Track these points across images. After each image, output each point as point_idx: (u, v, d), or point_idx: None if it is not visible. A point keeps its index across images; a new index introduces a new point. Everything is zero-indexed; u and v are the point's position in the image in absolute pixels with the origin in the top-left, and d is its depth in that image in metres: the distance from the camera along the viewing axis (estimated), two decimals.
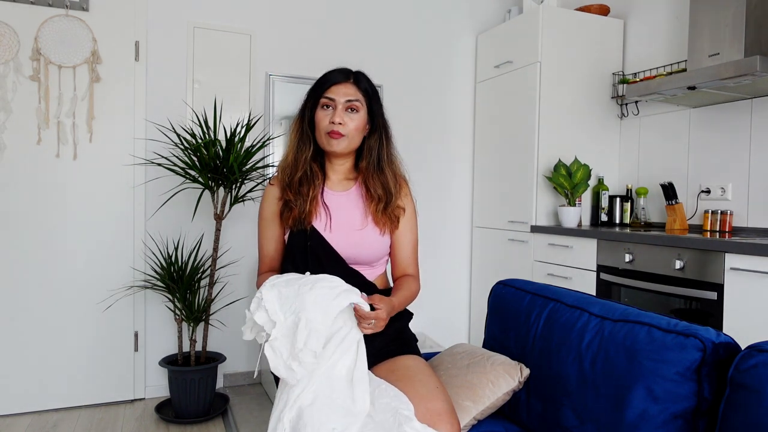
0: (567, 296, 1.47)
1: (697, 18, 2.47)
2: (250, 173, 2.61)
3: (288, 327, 1.18)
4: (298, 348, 1.15)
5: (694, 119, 2.75)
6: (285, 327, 1.18)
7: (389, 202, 1.49)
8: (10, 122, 2.58)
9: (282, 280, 1.27)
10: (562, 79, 3.01)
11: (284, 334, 1.18)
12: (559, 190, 2.89)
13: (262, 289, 1.24)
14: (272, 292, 1.23)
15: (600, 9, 3.12)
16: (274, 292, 1.22)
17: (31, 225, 2.64)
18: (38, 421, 2.57)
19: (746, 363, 0.99)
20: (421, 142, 3.45)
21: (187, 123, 2.85)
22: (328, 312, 1.18)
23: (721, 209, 2.53)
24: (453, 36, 3.52)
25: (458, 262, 3.59)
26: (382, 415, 1.16)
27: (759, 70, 2.07)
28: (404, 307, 1.48)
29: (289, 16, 3.11)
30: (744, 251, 1.91)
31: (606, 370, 1.21)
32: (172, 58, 2.88)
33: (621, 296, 2.47)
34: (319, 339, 1.16)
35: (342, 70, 1.50)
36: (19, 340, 2.63)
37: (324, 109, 1.46)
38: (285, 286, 1.24)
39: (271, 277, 1.28)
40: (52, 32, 2.62)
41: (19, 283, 2.62)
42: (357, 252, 1.47)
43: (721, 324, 1.99)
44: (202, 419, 2.58)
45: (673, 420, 1.08)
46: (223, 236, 2.95)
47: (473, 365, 1.51)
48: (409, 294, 1.49)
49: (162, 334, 2.90)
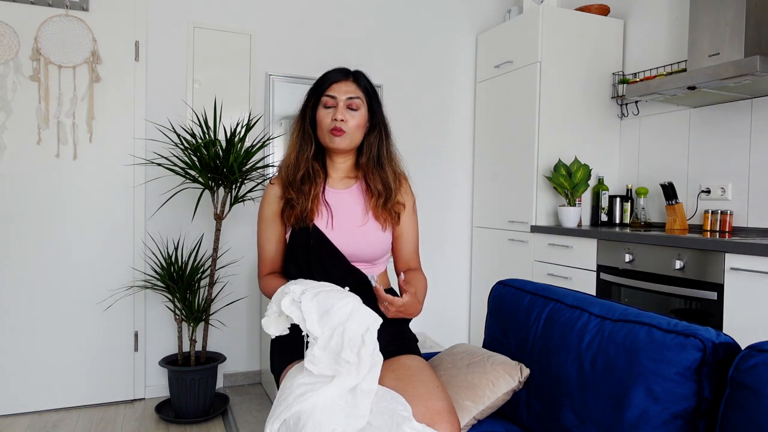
0: (567, 296, 1.47)
1: (697, 18, 2.47)
2: (250, 173, 2.61)
3: (326, 340, 1.20)
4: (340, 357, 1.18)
5: (694, 119, 2.75)
6: (323, 340, 1.20)
7: (389, 198, 1.51)
8: (10, 122, 2.58)
9: (323, 294, 1.27)
10: (562, 79, 3.01)
11: (321, 347, 1.20)
12: (559, 190, 2.89)
13: (302, 297, 1.25)
14: (312, 303, 1.24)
15: (600, 9, 3.12)
16: (314, 304, 1.23)
17: (31, 225, 2.64)
18: (38, 421, 2.57)
19: (746, 363, 0.99)
20: (421, 142, 3.45)
21: (187, 123, 2.85)
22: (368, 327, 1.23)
23: (721, 209, 2.53)
24: (453, 36, 3.52)
25: (458, 262, 3.59)
26: (379, 418, 1.16)
27: (759, 70, 2.07)
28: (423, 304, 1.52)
29: (289, 16, 3.11)
30: (744, 251, 1.91)
31: (606, 370, 1.21)
32: (172, 58, 2.88)
33: (621, 296, 2.47)
34: (353, 349, 1.19)
35: (342, 69, 1.52)
36: (20, 340, 2.63)
37: (326, 107, 1.48)
38: (324, 299, 1.25)
39: (309, 289, 1.28)
40: (52, 32, 2.62)
41: (19, 282, 2.62)
42: (359, 249, 1.47)
43: (721, 324, 1.99)
44: (202, 419, 2.58)
45: (673, 420, 1.08)
46: (223, 236, 2.95)
47: (473, 365, 1.51)
48: (422, 286, 1.55)
49: (162, 334, 2.90)
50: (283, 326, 1.29)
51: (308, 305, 1.22)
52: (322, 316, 1.22)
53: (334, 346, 1.19)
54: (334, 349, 1.19)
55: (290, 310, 1.23)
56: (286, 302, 1.25)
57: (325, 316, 1.22)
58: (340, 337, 1.19)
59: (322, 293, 1.26)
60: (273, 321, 1.30)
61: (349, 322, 1.21)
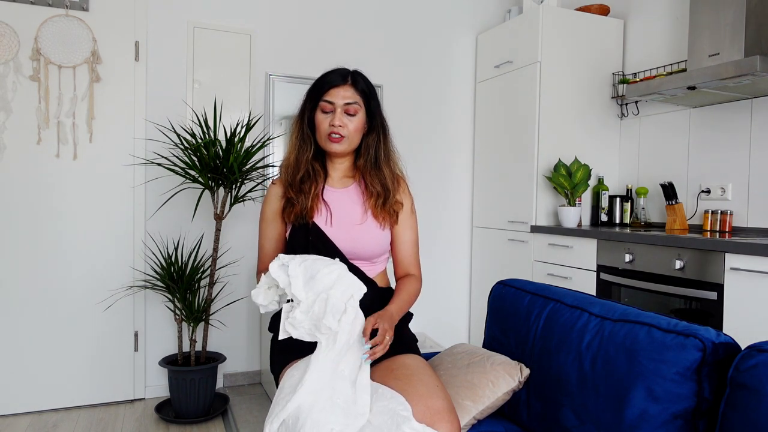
0: (567, 296, 1.47)
1: (697, 18, 2.47)
2: (250, 173, 2.61)
3: (308, 305, 1.21)
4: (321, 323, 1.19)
5: (694, 119, 2.75)
6: (306, 304, 1.21)
7: (387, 198, 1.52)
8: (10, 122, 2.58)
9: (310, 260, 1.29)
10: (562, 79, 3.01)
11: (304, 311, 1.21)
12: (559, 190, 2.89)
13: (290, 262, 1.26)
14: (300, 268, 1.25)
15: (600, 9, 3.12)
16: (301, 269, 1.25)
17: (31, 225, 2.64)
18: (38, 421, 2.57)
19: (746, 363, 0.99)
20: (421, 142, 3.45)
21: (187, 123, 2.85)
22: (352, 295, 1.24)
23: (721, 209, 2.53)
24: (453, 36, 3.52)
25: (458, 262, 3.59)
26: (379, 418, 1.16)
27: (759, 70, 2.07)
28: (405, 311, 1.50)
29: (289, 16, 3.11)
30: (744, 251, 1.91)
31: (606, 370, 1.21)
32: (172, 58, 2.88)
33: (621, 296, 2.47)
34: (336, 315, 1.20)
35: (340, 72, 1.51)
36: (20, 340, 2.63)
37: (324, 112, 1.49)
38: (311, 265, 1.27)
39: (298, 257, 1.31)
40: (52, 32, 2.62)
41: (19, 282, 2.62)
42: (357, 246, 1.48)
43: (721, 324, 1.99)
44: (202, 419, 2.58)
45: (673, 420, 1.08)
46: (223, 236, 2.95)
47: (473, 365, 1.51)
48: (408, 297, 1.51)
49: (162, 334, 2.90)
50: (271, 298, 1.30)
51: (295, 269, 1.24)
52: (307, 281, 1.23)
53: (317, 311, 1.20)
54: (316, 314, 1.20)
55: (277, 273, 1.25)
56: (274, 266, 1.27)
57: (311, 281, 1.23)
58: (324, 303, 1.20)
59: (310, 260, 1.28)
60: (262, 292, 1.31)
61: (334, 289, 1.22)
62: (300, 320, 1.21)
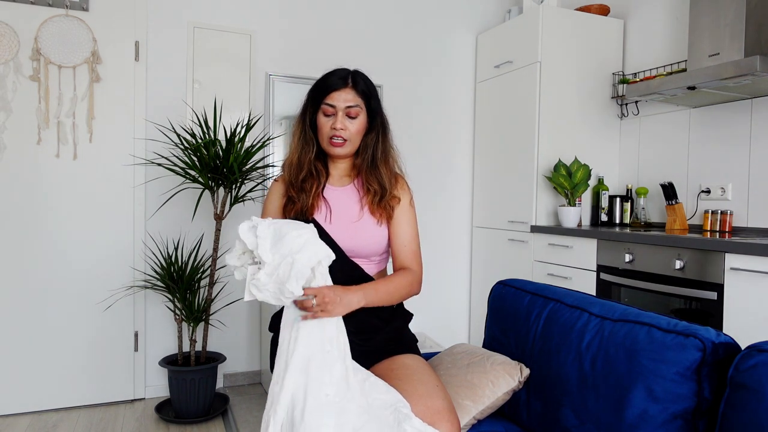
0: (567, 296, 1.47)
1: (697, 18, 2.47)
2: (250, 173, 2.61)
3: (274, 267, 1.20)
4: (285, 287, 1.18)
5: (694, 119, 2.75)
6: (272, 267, 1.19)
7: (384, 195, 1.53)
8: (10, 122, 2.58)
9: (280, 223, 1.27)
10: (562, 79, 3.01)
11: (269, 273, 1.19)
12: (559, 190, 2.89)
13: (259, 223, 1.24)
14: (269, 230, 1.23)
15: (600, 9, 3.12)
16: (270, 231, 1.22)
17: (31, 225, 2.64)
18: (38, 421, 2.57)
19: (746, 363, 0.99)
20: (421, 142, 3.45)
21: (187, 123, 2.85)
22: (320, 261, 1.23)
23: (721, 209, 2.53)
24: (453, 36, 3.52)
25: (458, 262, 3.59)
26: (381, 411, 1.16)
27: (759, 70, 2.07)
28: (387, 298, 1.43)
29: (288, 16, 3.11)
30: (744, 251, 1.91)
31: (606, 370, 1.21)
32: (172, 58, 2.88)
33: (621, 296, 2.47)
34: (299, 280, 1.19)
35: (340, 75, 1.50)
36: (19, 340, 2.63)
37: (325, 115, 1.49)
38: (280, 228, 1.25)
39: (268, 219, 1.28)
40: (52, 32, 2.62)
41: (19, 282, 2.62)
42: (355, 243, 1.48)
43: (721, 324, 1.99)
44: (202, 419, 2.58)
45: (673, 420, 1.08)
46: (223, 236, 2.95)
47: (473, 365, 1.51)
48: (391, 287, 1.44)
49: (162, 334, 2.90)
50: (243, 261, 1.27)
51: (264, 231, 1.22)
52: (275, 243, 1.21)
53: (282, 275, 1.19)
54: (280, 277, 1.19)
55: (246, 235, 1.23)
56: (244, 227, 1.24)
57: (278, 243, 1.21)
58: (289, 267, 1.18)
59: (280, 222, 1.26)
60: (237, 255, 1.28)
61: (300, 254, 1.19)
62: (264, 282, 1.19)
